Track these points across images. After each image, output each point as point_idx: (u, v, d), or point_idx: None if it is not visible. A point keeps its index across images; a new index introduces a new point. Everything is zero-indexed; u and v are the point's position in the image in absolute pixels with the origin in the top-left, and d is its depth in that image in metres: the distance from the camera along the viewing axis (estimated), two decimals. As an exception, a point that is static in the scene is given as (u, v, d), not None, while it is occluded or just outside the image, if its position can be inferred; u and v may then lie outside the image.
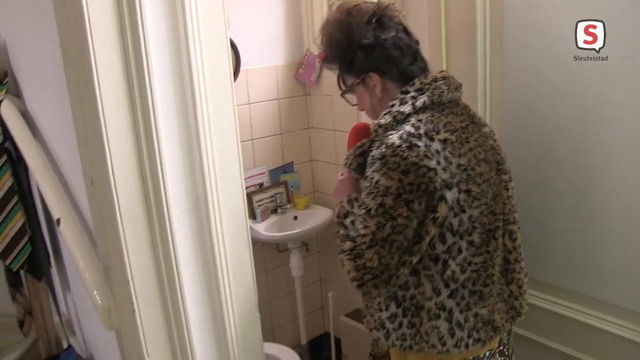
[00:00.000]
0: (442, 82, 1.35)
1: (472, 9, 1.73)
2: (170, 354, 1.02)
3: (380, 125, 1.31)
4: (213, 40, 0.92)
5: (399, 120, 1.30)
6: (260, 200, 2.76)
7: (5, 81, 1.99)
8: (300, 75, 2.78)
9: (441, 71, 1.40)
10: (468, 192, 1.27)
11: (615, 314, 1.61)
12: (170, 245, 0.94)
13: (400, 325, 1.35)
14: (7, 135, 1.90)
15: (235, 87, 2.72)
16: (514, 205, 1.44)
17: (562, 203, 1.67)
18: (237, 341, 1.06)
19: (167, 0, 0.86)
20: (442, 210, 1.24)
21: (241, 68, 2.57)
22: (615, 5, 1.47)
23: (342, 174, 1.49)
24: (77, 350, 2.12)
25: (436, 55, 1.91)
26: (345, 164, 1.41)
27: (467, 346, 1.33)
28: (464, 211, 1.27)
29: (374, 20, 1.37)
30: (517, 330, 1.78)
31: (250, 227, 2.69)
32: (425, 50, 1.94)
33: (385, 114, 1.32)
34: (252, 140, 2.72)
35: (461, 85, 1.41)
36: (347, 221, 1.35)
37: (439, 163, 1.23)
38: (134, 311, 0.96)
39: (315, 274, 3.14)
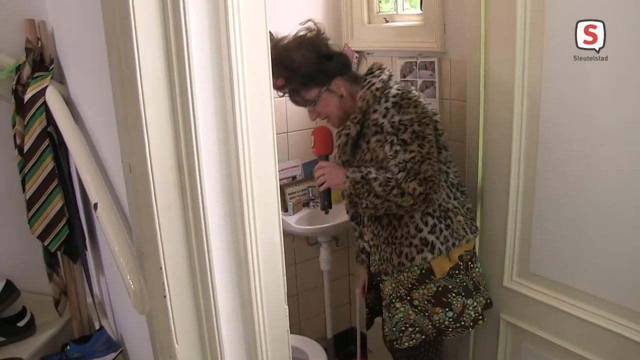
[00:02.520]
0: (385, 67, 1.87)
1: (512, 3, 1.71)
2: (198, 341, 1.03)
3: (377, 89, 1.77)
4: (253, 31, 0.93)
5: (386, 82, 1.79)
6: (293, 192, 2.78)
7: (50, 67, 2.05)
8: (337, 70, 2.78)
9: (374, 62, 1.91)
10: (438, 121, 1.77)
11: (612, 310, 1.65)
12: (204, 234, 0.95)
13: (441, 230, 1.77)
14: (51, 120, 1.95)
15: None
16: None
17: (572, 200, 1.72)
18: (265, 332, 1.07)
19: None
20: (440, 129, 1.76)
21: (279, 61, 2.58)
22: (615, 5, 1.46)
23: (322, 167, 1.87)
24: (108, 332, 2.17)
25: (474, 49, 1.90)
26: (348, 134, 1.81)
27: (475, 231, 1.86)
28: (443, 132, 1.78)
29: (323, 39, 1.83)
30: (517, 322, 1.97)
31: (282, 220, 2.71)
32: (466, 42, 1.93)
33: (370, 86, 1.78)
34: (287, 133, 2.74)
35: None
36: (372, 175, 1.70)
37: (424, 101, 1.75)
38: (165, 297, 0.98)
39: (344, 269, 3.14)
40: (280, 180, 2.74)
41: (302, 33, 1.82)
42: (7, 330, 2.11)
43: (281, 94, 1.90)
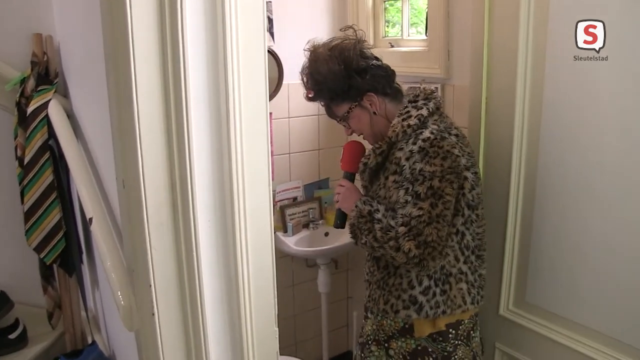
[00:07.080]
0: (436, 93, 1.72)
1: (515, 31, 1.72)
2: (185, 360, 1.03)
3: (409, 126, 1.59)
4: (251, 53, 0.93)
5: (422, 121, 1.60)
6: (293, 214, 2.77)
7: (55, 81, 2.06)
8: (341, 93, 2.79)
9: (424, 86, 1.74)
10: (475, 173, 1.61)
11: (609, 345, 1.63)
12: (194, 254, 0.95)
13: (434, 294, 1.62)
14: (52, 134, 1.96)
15: (276, 101, 2.73)
16: None
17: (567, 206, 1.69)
18: (253, 353, 1.06)
19: (207, 14, 0.88)
20: (467, 186, 1.57)
21: (283, 82, 2.59)
22: (615, 5, 1.46)
23: (341, 185, 1.78)
24: (100, 347, 2.15)
25: (476, 76, 1.90)
26: (366, 163, 1.66)
27: (477, 302, 1.68)
28: (474, 188, 1.60)
29: (359, 50, 1.69)
30: (512, 352, 1.93)
31: (281, 240, 2.70)
32: (469, 69, 1.94)
33: (406, 118, 1.61)
34: (290, 154, 2.74)
35: None
36: (378, 215, 1.57)
37: (459, 151, 1.55)
38: (153, 314, 0.97)
39: (342, 292, 3.12)
40: (280, 201, 2.74)
41: (336, 42, 1.72)
42: (-1, 342, 2.10)
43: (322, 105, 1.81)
